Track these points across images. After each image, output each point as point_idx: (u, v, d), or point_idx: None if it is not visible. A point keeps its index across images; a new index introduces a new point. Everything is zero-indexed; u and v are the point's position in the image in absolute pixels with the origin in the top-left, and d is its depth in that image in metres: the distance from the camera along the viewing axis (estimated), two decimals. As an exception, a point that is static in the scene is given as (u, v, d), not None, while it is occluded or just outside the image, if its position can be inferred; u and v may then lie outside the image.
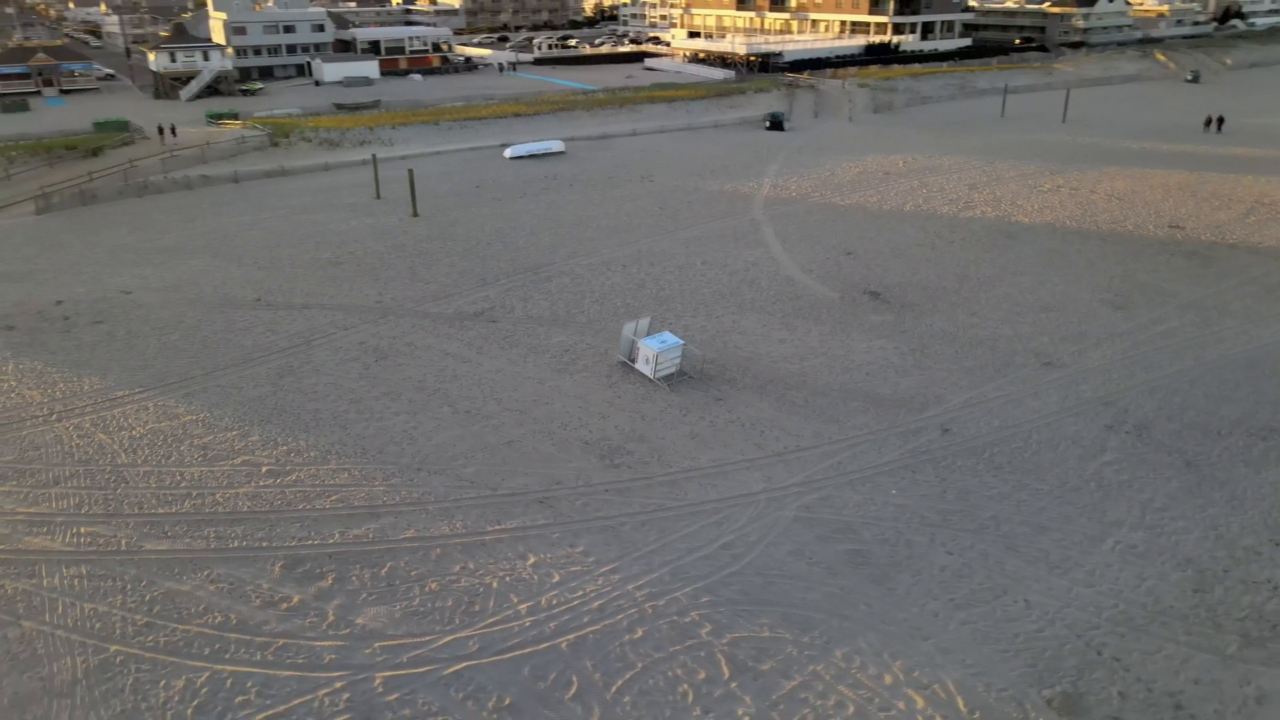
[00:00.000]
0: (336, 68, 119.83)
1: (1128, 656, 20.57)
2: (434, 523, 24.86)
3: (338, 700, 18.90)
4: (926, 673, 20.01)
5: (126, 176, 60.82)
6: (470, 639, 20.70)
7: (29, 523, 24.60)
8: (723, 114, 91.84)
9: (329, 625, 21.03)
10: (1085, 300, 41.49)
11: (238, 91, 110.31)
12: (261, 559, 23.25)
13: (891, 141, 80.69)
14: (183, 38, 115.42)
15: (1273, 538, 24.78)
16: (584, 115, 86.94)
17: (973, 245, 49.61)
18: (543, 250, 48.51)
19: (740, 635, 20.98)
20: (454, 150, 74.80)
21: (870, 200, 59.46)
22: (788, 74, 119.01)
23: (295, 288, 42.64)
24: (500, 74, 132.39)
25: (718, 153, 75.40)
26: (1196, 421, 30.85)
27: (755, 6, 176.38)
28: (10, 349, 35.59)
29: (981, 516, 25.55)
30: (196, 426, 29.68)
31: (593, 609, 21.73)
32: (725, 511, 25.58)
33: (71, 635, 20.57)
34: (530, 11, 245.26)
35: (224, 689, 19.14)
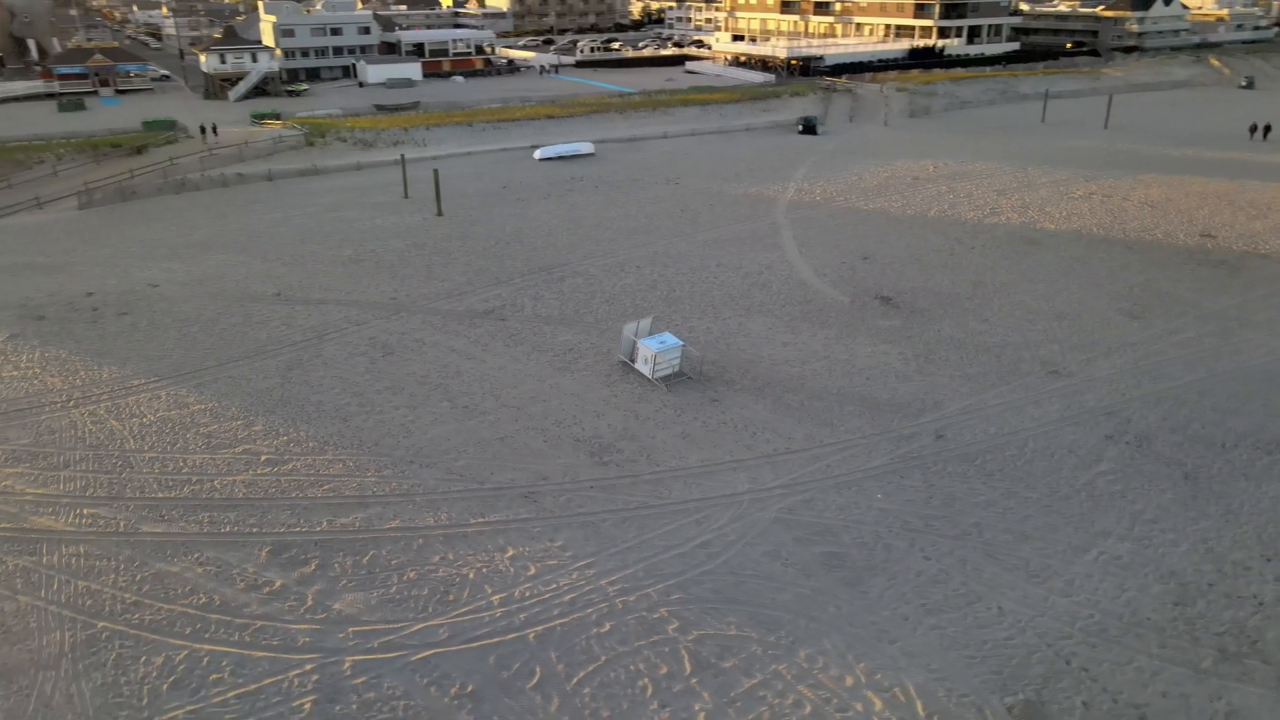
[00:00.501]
0: (380, 69, 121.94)
1: (1096, 667, 20.39)
2: (420, 514, 25.45)
3: (306, 681, 19.52)
4: (889, 676, 20.05)
5: (165, 174, 62.78)
6: (441, 627, 21.21)
7: (36, 503, 25.71)
8: (756, 117, 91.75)
9: (307, 609, 21.69)
10: (1101, 309, 40.85)
11: (284, 92, 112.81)
12: (250, 544, 24.03)
13: (925, 146, 79.94)
14: (232, 40, 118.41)
15: (1265, 553, 24.32)
16: (616, 118, 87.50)
17: (993, 252, 49.07)
18: (560, 250, 49.07)
19: (706, 632, 21.20)
20: (485, 151, 75.82)
21: (894, 205, 59.05)
22: (826, 78, 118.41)
23: (314, 283, 43.73)
24: (540, 76, 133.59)
25: (746, 156, 75.41)
26: (1201, 434, 30.29)
27: (799, 10, 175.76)
28: (39, 337, 37.07)
29: (965, 523, 25.43)
30: (204, 415, 30.69)
31: (564, 602, 22.11)
32: (706, 511, 25.79)
33: (63, 611, 21.50)
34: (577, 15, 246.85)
35: (200, 667, 19.87)
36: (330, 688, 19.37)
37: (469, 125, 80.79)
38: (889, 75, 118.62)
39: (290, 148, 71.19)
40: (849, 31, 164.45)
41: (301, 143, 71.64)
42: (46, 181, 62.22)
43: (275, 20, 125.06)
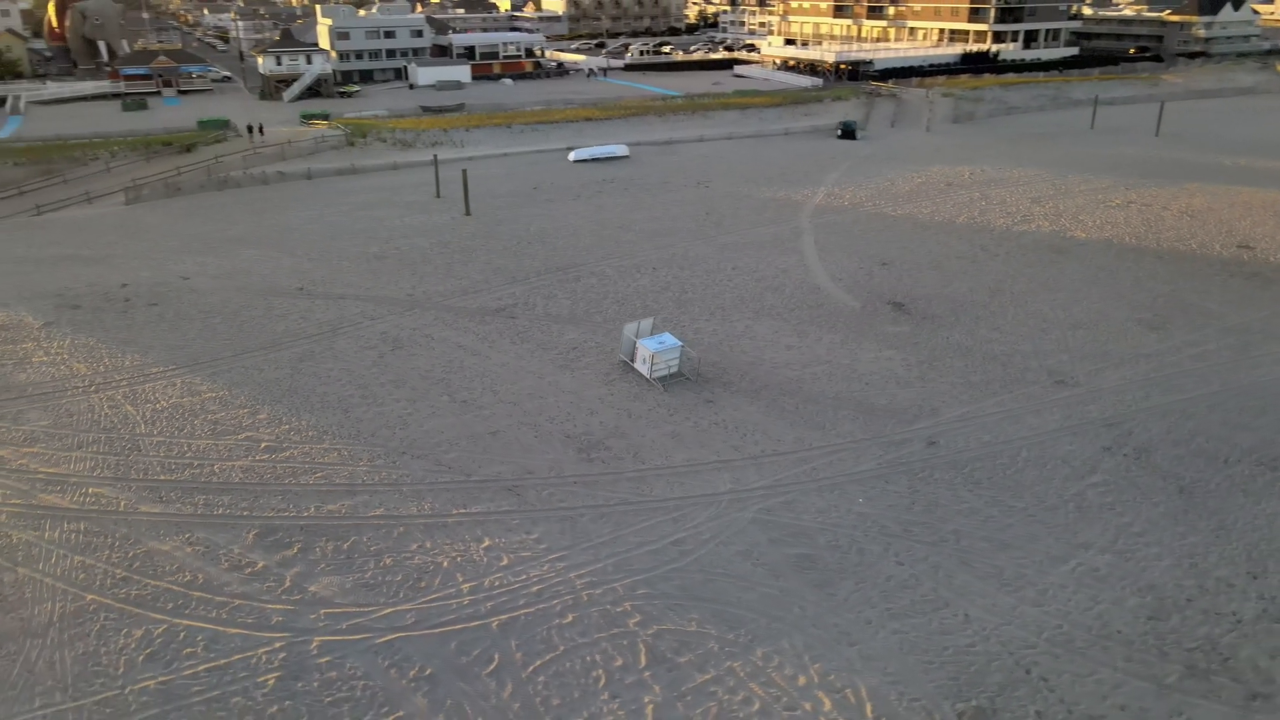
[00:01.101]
0: (430, 71, 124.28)
1: (1057, 678, 20.19)
2: (404, 503, 26.17)
3: (274, 659, 20.29)
4: (842, 677, 20.12)
5: (210, 171, 64.99)
6: (409, 612, 21.85)
7: (46, 481, 27.04)
8: (795, 121, 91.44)
9: (284, 590, 22.51)
10: (1119, 319, 40.06)
11: (336, 93, 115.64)
12: (239, 526, 24.98)
13: (964, 152, 78.89)
14: (289, 42, 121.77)
15: (1252, 570, 23.77)
16: (655, 120, 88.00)
17: (1017, 259, 48.36)
18: (580, 251, 49.68)
19: (666, 628, 21.49)
20: (521, 153, 76.90)
21: (923, 211, 58.49)
22: (873, 82, 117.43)
23: (337, 279, 44.98)
24: (588, 79, 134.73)
25: (780, 160, 75.26)
26: (1204, 448, 29.62)
27: (853, 14, 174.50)
28: (72, 326, 38.81)
29: (943, 530, 25.30)
30: (214, 403, 31.88)
31: (530, 593, 22.59)
32: (685, 509, 26.06)
33: (57, 583, 22.64)
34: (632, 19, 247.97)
35: (176, 641, 20.79)
36: (295, 665, 20.11)
37: (508, 127, 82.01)
38: (937, 80, 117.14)
39: (331, 147, 73.11)
40: (902, 36, 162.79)
41: (342, 143, 73.53)
42: (99, 178, 64.86)
43: (331, 23, 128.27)
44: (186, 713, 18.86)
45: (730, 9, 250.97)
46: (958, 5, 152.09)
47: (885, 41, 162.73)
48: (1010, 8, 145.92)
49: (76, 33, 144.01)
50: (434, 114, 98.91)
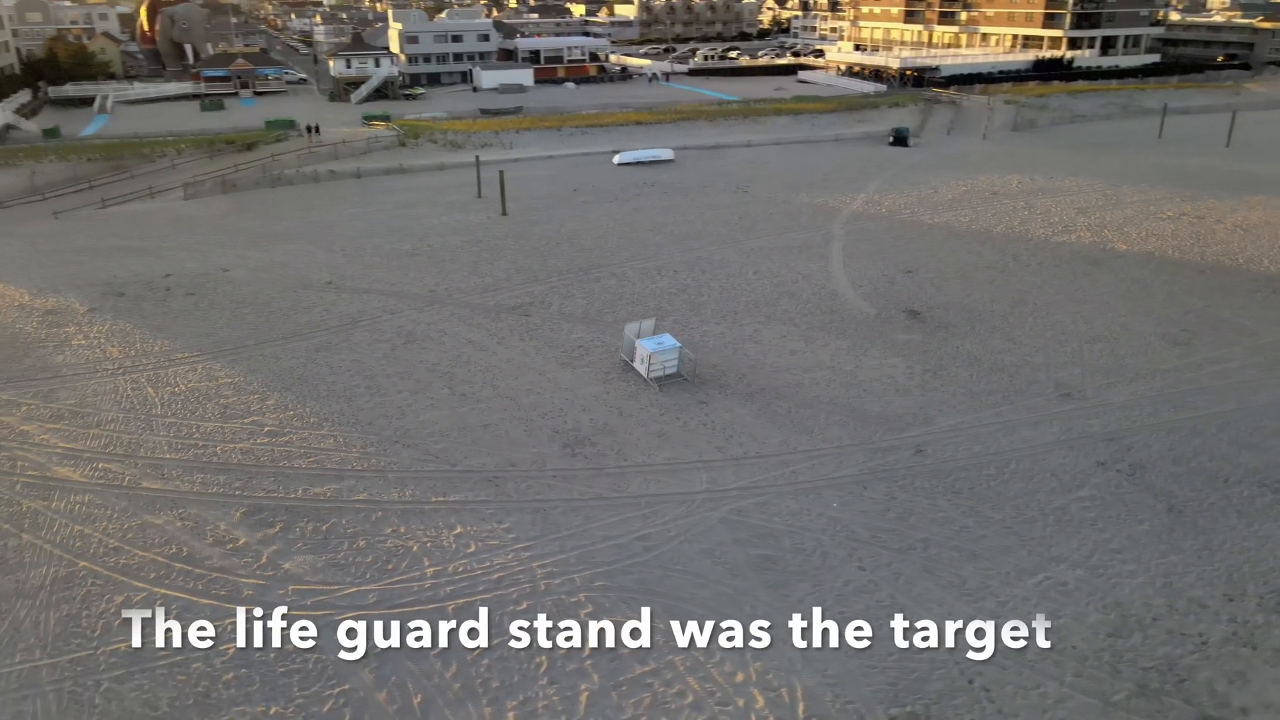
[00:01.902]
0: (494, 75, 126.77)
1: (999, 689, 20.01)
2: (387, 489, 27.16)
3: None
4: (780, 676, 20.29)
5: (265, 169, 67.73)
6: (371, 592, 22.76)
7: (63, 455, 28.83)
8: (848, 128, 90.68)
9: (259, 566, 23.65)
10: (1143, 333, 38.98)
11: (401, 96, 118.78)
12: (230, 504, 26.28)
13: (1017, 160, 77.21)
14: (359, 46, 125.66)
15: (1229, 592, 23.09)
16: (705, 125, 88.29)
17: (1048, 270, 47.33)
18: (605, 252, 50.38)
19: (616, 619, 21.92)
20: (567, 155, 78.04)
21: (960, 220, 57.58)
22: (933, 88, 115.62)
23: (367, 274, 46.55)
24: (649, 83, 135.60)
25: (825, 166, 74.82)
26: (1206, 466, 28.76)
27: (924, 19, 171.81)
28: (112, 312, 41.07)
29: (913, 537, 25.16)
30: (228, 388, 33.46)
31: (490, 579, 23.28)
32: (657, 506, 26.45)
33: (55, 550, 24.20)
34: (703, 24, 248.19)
35: (152, 608, 22.04)
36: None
37: (558, 130, 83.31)
38: (1002, 87, 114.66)
39: (384, 147, 75.39)
40: (974, 42, 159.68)
41: (394, 143, 75.77)
42: (164, 174, 68.16)
43: (401, 28, 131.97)
44: (149, 675, 20.05)
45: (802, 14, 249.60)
46: (1032, 10, 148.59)
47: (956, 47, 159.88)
48: (1087, 13, 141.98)
49: (165, 36, 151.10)
50: (491, 116, 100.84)
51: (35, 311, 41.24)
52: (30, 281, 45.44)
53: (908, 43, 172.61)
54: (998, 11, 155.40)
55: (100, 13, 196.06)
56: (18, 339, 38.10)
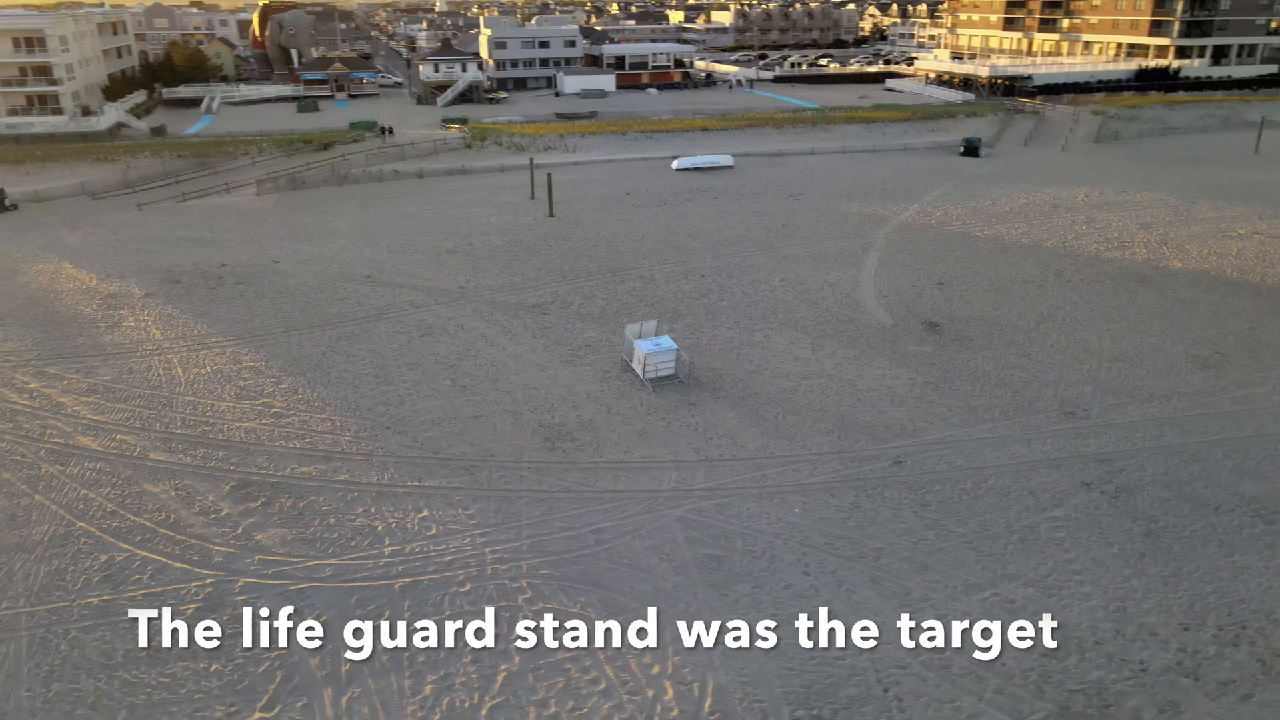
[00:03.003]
0: (576, 80, 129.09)
1: (913, 699, 19.92)
2: (369, 472, 28.56)
3: (201, 592, 23.01)
4: (695, 671, 20.66)
5: (333, 168, 71.01)
6: (330, 566, 24.09)
7: (88, 426, 31.30)
8: (920, 137, 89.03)
9: (234, 536, 25.30)
10: (1172, 354, 37.46)
11: (485, 99, 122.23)
12: (223, 478, 28.12)
13: (1091, 174, 74.49)
14: (448, 51, 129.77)
15: (1185, 622, 22.29)
16: (772, 132, 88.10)
17: (1089, 287, 45.80)
18: (639, 255, 51.14)
19: (551, 606, 22.66)
20: (628, 159, 79.10)
21: (1011, 233, 56.12)
22: (1020, 98, 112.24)
23: (405, 269, 48.54)
24: (730, 90, 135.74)
25: (887, 175, 73.77)
26: (1199, 493, 27.65)
27: (1024, 27, 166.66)
28: (166, 297, 44.05)
29: (868, 546, 25.08)
30: (248, 372, 35.61)
31: (443, 561, 24.32)
32: (620, 502, 27.06)
33: (59, 510, 26.41)
34: (800, 31, 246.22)
35: (131, 568, 23.92)
36: (215, 600, 22.74)
37: (623, 134, 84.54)
38: (1094, 97, 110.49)
39: (450, 149, 78.00)
40: (1075, 50, 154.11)
41: (461, 145, 78.29)
42: (243, 170, 72.24)
43: (490, 34, 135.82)
44: (113, 627, 21.81)
45: (901, 22, 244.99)
46: (1138, 18, 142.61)
47: (1057, 56, 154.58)
48: (1198, 21, 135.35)
49: (274, 41, 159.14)
50: (566, 120, 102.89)
51: (99, 295, 44.59)
52: (102, 267, 49.07)
53: (1006, 51, 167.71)
54: (1101, 19, 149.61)
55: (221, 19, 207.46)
56: (77, 319, 41.32)
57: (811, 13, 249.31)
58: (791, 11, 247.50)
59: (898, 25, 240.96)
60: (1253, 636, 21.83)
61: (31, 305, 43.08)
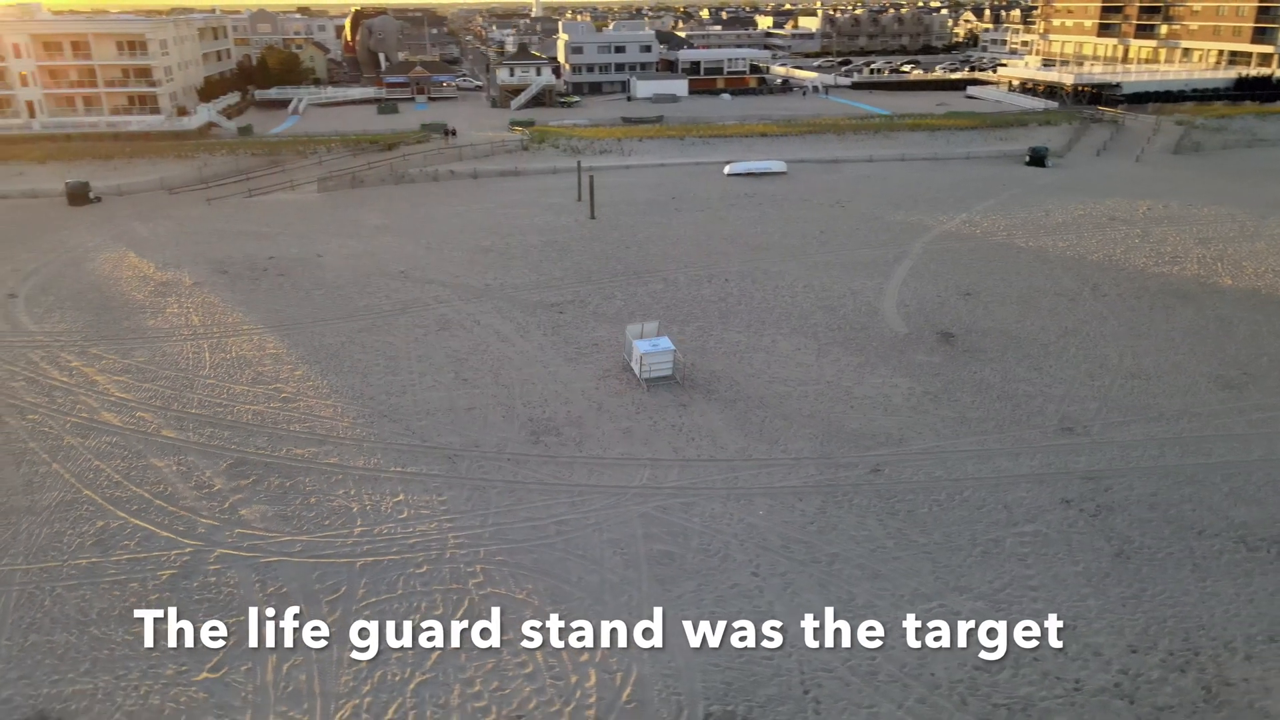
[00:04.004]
0: (648, 85, 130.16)
1: (831, 703, 20.03)
2: (357, 456, 29.90)
3: (179, 560, 24.61)
4: (623, 662, 21.16)
5: (392, 167, 73.57)
6: (300, 543, 25.42)
7: (113, 403, 33.57)
8: (985, 145, 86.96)
9: (220, 510, 26.90)
10: (1195, 373, 36.08)
11: (558, 103, 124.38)
12: (221, 456, 29.85)
13: (1160, 185, 71.59)
14: (524, 56, 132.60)
15: (1134, 644, 21.73)
16: (832, 139, 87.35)
17: (1125, 301, 44.31)
18: (668, 258, 51.65)
19: (499, 591, 23.48)
20: (682, 164, 79.60)
21: (1057, 245, 54.56)
22: (1100, 107, 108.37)
23: (438, 266, 50.18)
24: (804, 96, 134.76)
25: (941, 184, 72.40)
26: (1185, 516, 26.74)
27: (1119, 34, 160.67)
28: (212, 286, 46.65)
29: (823, 551, 25.12)
30: (269, 358, 37.53)
31: (406, 544, 25.39)
32: (589, 496, 27.70)
33: (70, 478, 28.50)
34: (890, 36, 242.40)
35: (122, 534, 25.71)
36: (190, 567, 24.29)
37: (680, 139, 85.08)
38: (1182, 107, 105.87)
39: (507, 151, 79.87)
40: (1173, 57, 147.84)
41: (518, 147, 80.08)
42: (311, 169, 75.49)
43: (567, 39, 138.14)
44: (94, 587, 23.54)
45: (993, 27, 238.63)
46: (1240, 25, 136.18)
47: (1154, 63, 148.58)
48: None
49: (364, 45, 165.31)
50: (632, 124, 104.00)
51: (152, 282, 47.51)
52: (161, 257, 52.20)
53: (1100, 58, 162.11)
54: (1201, 25, 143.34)
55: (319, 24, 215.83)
56: (127, 304, 44.16)
57: (902, 18, 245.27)
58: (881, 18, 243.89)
59: (990, 31, 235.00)
60: (1204, 663, 21.14)
61: (90, 290, 46.21)
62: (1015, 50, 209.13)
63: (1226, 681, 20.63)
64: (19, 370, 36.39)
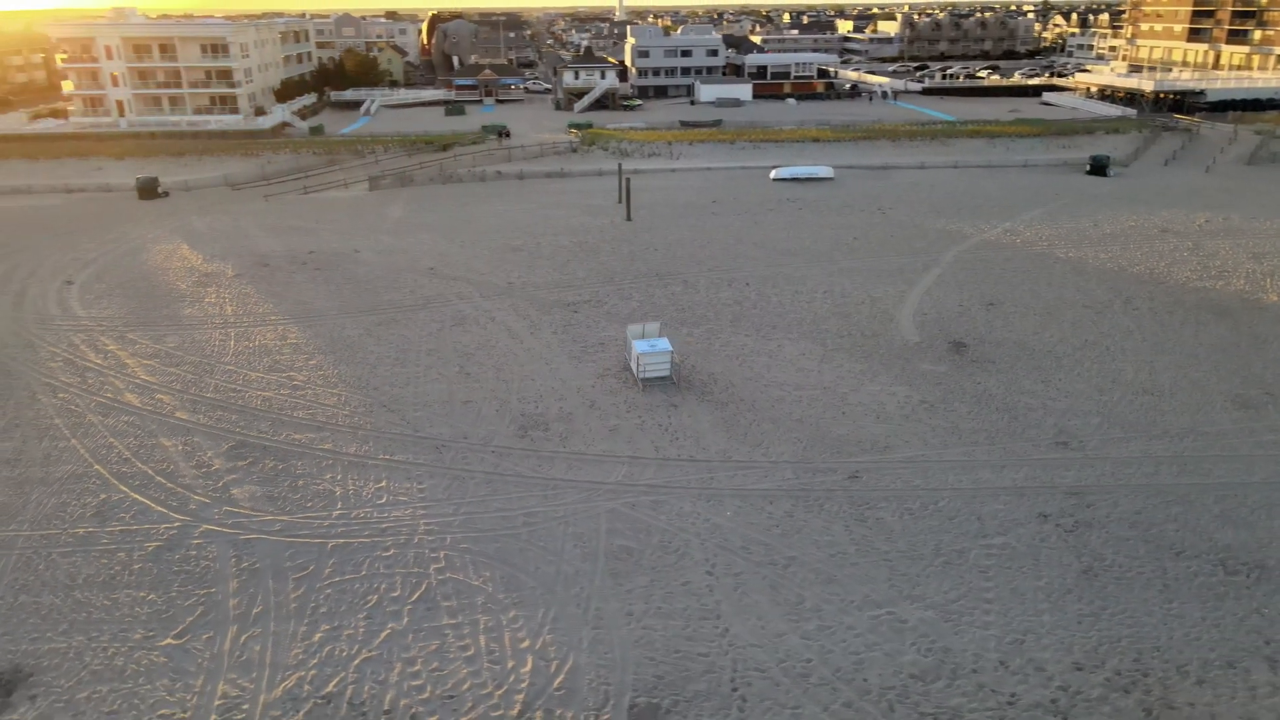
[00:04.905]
0: (712, 89, 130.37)
1: (757, 702, 20.21)
2: (350, 443, 31.12)
3: (166, 533, 26.10)
4: (561, 650, 21.71)
5: (442, 168, 75.49)
6: (280, 523, 26.66)
7: (138, 385, 35.58)
8: (1045, 154, 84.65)
9: (214, 489, 28.38)
10: (1213, 391, 34.82)
11: (620, 106, 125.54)
12: (224, 438, 31.43)
13: (1225, 197, 68.71)
14: (588, 59, 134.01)
15: (1080, 662, 21.32)
16: (886, 145, 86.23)
17: (1156, 315, 42.88)
18: (693, 261, 51.95)
19: (456, 576, 24.29)
20: (728, 168, 79.66)
21: (1098, 257, 53.01)
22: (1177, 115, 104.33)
23: (467, 264, 51.50)
24: (870, 102, 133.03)
25: (991, 192, 70.87)
26: (1166, 536, 25.98)
27: (1211, 39, 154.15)
28: (250, 279, 48.84)
29: (783, 554, 25.22)
30: (289, 348, 39.20)
31: (379, 528, 26.41)
32: (563, 490, 28.32)
33: (85, 453, 30.40)
34: (972, 41, 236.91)
35: (120, 506, 27.38)
36: (176, 540, 25.75)
37: (731, 143, 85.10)
38: (1263, 116, 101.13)
39: (556, 153, 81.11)
40: (1266, 64, 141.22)
41: (567, 149, 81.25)
42: (366, 167, 78.05)
43: (634, 43, 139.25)
44: (85, 555, 25.16)
45: (1080, 32, 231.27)
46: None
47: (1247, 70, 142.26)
48: None
49: (439, 49, 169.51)
50: (689, 128, 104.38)
51: (196, 273, 49.99)
52: (210, 249, 54.83)
53: (1190, 64, 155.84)
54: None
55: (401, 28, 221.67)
56: (171, 294, 46.60)
57: (985, 23, 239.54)
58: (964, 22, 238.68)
59: (1076, 36, 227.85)
60: (1150, 685, 20.61)
61: (139, 280, 48.89)
62: (1102, 56, 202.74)
63: (1170, 705, 20.09)
64: (60, 352, 38.84)
